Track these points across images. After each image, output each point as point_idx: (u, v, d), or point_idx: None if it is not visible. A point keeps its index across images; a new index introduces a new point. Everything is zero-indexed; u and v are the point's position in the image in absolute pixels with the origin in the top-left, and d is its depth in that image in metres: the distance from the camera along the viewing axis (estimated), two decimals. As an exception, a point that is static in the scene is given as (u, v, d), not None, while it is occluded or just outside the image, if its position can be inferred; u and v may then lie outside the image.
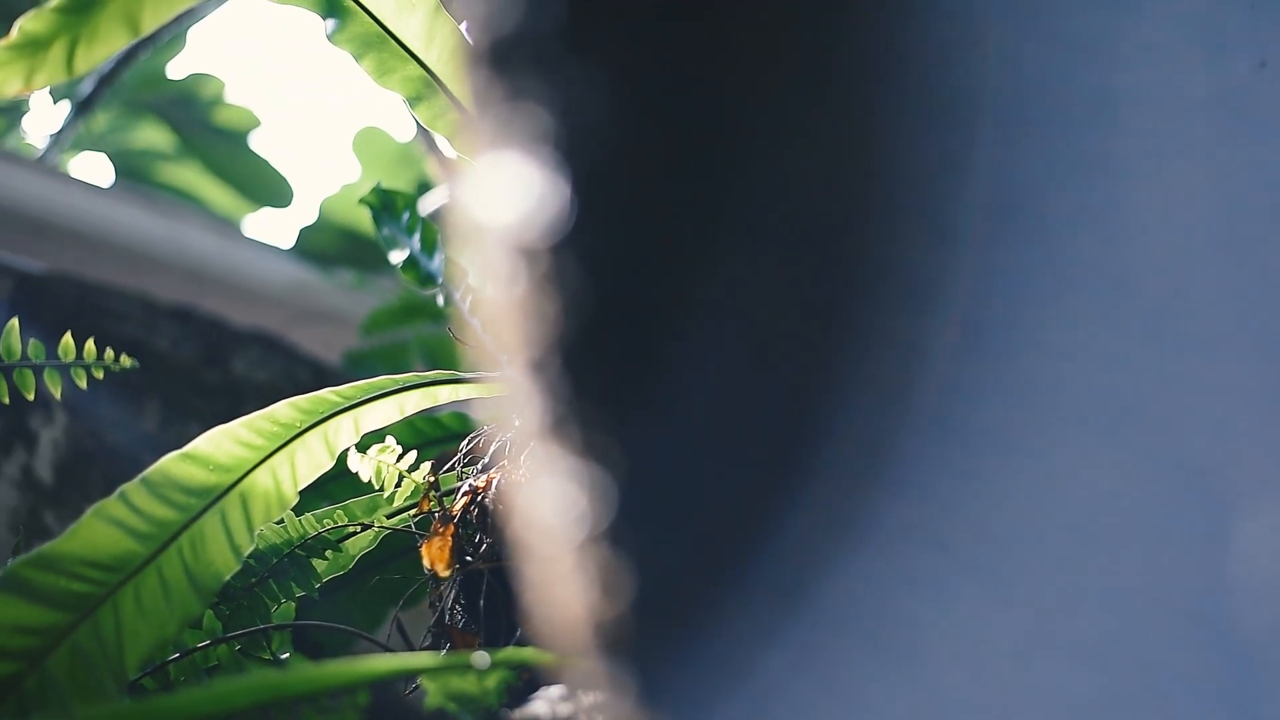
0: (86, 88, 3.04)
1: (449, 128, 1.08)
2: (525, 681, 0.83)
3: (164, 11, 1.14)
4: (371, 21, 1.10)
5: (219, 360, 2.16)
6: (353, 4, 1.09)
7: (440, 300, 1.23)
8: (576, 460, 0.46)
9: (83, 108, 3.08)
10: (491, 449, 1.05)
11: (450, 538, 1.00)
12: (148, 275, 2.39)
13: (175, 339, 2.16)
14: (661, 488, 0.45)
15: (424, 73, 1.10)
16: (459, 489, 1.03)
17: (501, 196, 0.47)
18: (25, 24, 1.15)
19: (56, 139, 3.14)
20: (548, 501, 0.48)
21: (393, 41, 1.10)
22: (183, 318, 2.19)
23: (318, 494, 1.13)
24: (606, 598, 0.46)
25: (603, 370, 0.45)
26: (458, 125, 1.07)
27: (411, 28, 1.09)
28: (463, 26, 1.03)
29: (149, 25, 1.14)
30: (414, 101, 1.11)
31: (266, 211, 3.15)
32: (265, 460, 1.04)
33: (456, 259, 1.20)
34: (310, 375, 1.11)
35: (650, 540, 0.46)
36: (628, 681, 0.47)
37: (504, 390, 0.49)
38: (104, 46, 1.15)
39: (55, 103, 3.13)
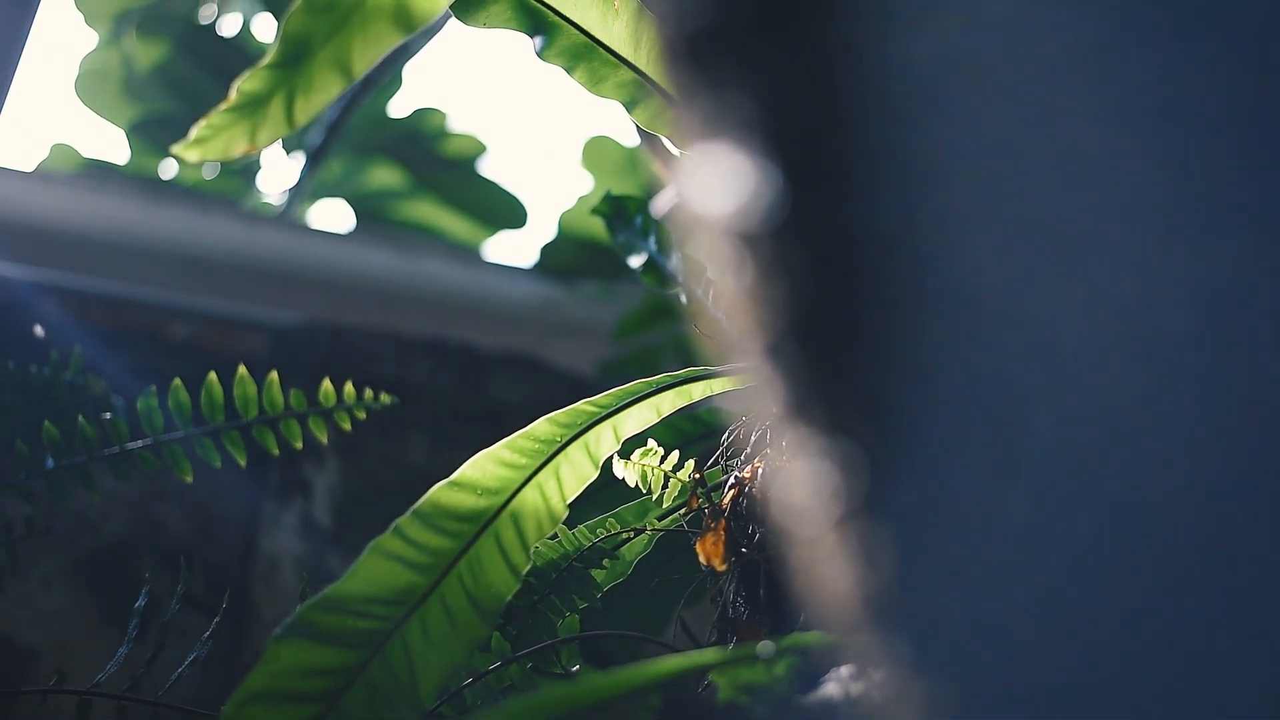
0: (316, 138, 3.13)
1: (668, 127, 1.09)
2: (815, 665, 0.83)
3: (372, 53, 1.17)
4: (578, 33, 1.11)
5: (475, 386, 2.21)
6: (557, 18, 1.11)
7: (683, 298, 1.24)
8: (824, 439, 0.47)
9: (315, 158, 3.18)
10: (752, 438, 1.06)
11: (723, 531, 1.01)
12: (397, 312, 2.45)
13: (431, 371, 2.22)
14: (908, 454, 0.46)
15: (635, 76, 1.11)
16: (725, 482, 1.04)
17: (719, 187, 0.48)
18: (242, 84, 1.20)
19: (294, 192, 3.24)
20: (804, 484, 0.48)
21: (601, 49, 1.11)
22: (435, 349, 2.25)
23: (588, 504, 1.15)
24: (872, 572, 0.47)
25: (836, 348, 0.46)
26: (673, 123, 1.08)
27: (617, 33, 1.11)
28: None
29: (360, 68, 1.18)
30: (630, 106, 1.12)
31: (505, 234, 3.20)
32: (531, 478, 1.06)
33: (692, 256, 1.21)
34: (566, 389, 1.13)
35: (906, 504, 0.46)
36: (906, 652, 0.48)
37: (752, 379, 0.50)
38: (320, 95, 1.19)
39: (288, 155, 3.23)
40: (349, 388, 1.42)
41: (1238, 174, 0.43)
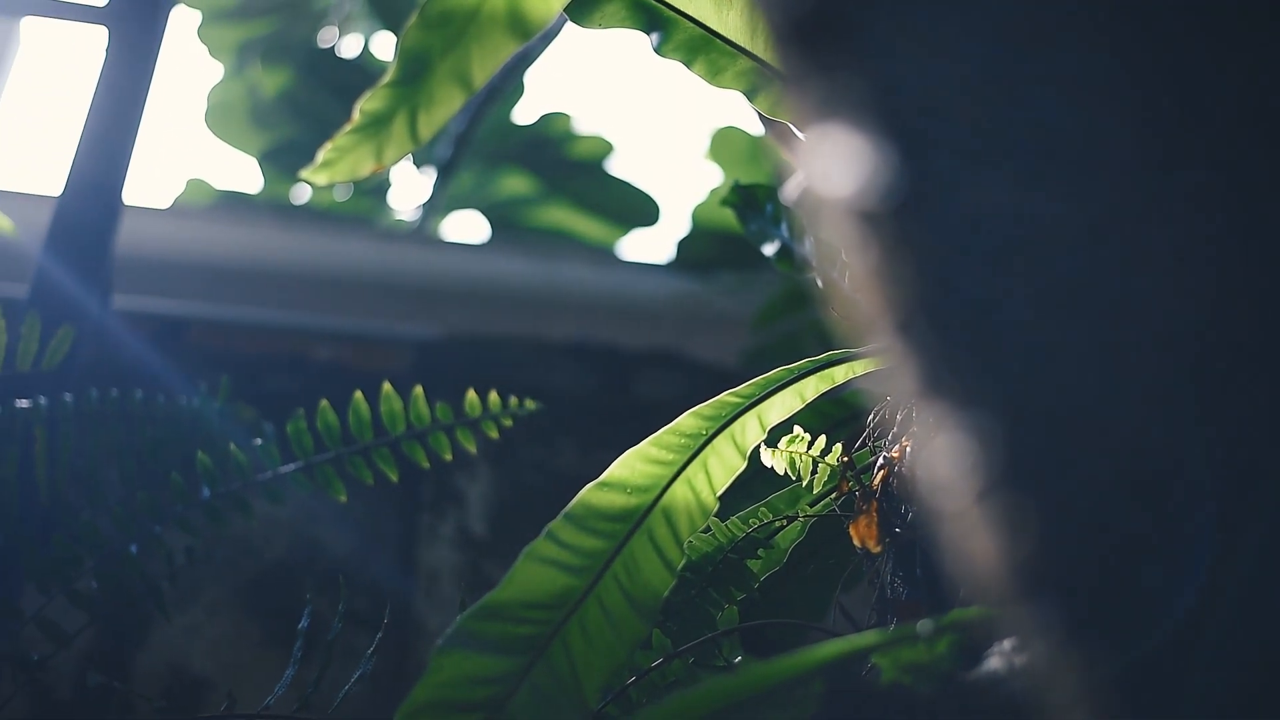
0: (445, 152, 3.16)
1: (787, 112, 1.09)
2: (977, 640, 0.83)
3: (490, 63, 1.19)
4: (693, 26, 1.11)
5: (619, 386, 2.23)
6: (672, 13, 1.11)
7: (819, 282, 1.24)
8: (959, 413, 0.47)
9: (446, 171, 3.21)
10: (898, 417, 1.06)
11: (875, 513, 1.01)
12: (536, 318, 2.47)
13: (574, 374, 2.24)
14: (1047, 423, 0.46)
15: (754, 64, 1.11)
16: (874, 463, 1.04)
17: (839, 169, 0.48)
18: (364, 105, 1.22)
19: (427, 207, 3.28)
20: (945, 460, 0.49)
21: (718, 40, 1.11)
22: (577, 352, 2.27)
23: (739, 495, 1.15)
24: (1020, 543, 0.47)
25: (963, 322, 0.46)
26: (790, 107, 1.09)
27: (732, 22, 1.11)
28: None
29: (480, 79, 1.19)
30: (751, 94, 1.12)
31: (639, 233, 3.21)
32: (679, 473, 1.06)
33: (824, 239, 1.21)
34: (710, 382, 1.14)
35: (1050, 478, 0.47)
36: (1062, 623, 0.48)
37: (889, 359, 0.50)
38: (443, 109, 1.21)
39: (419, 171, 3.27)
40: (494, 397, 1.44)
41: None
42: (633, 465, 1.06)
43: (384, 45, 3.39)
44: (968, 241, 0.45)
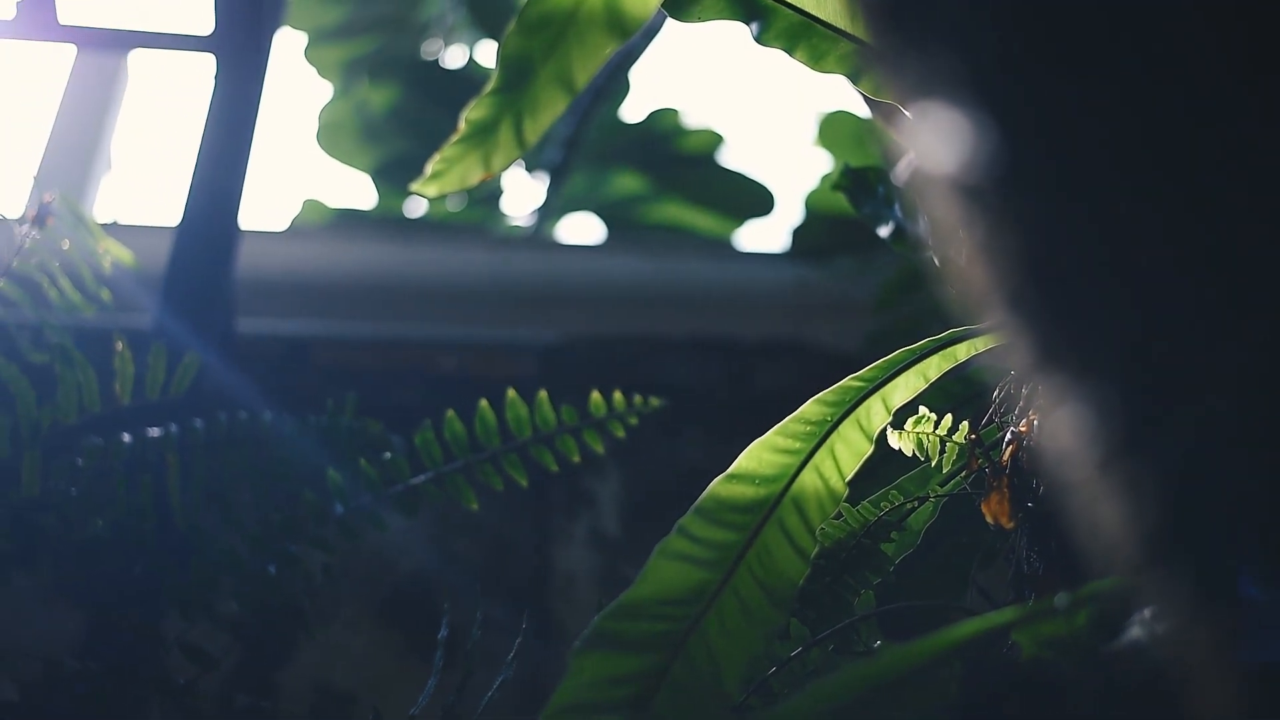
0: (555, 155, 3.18)
1: (889, 92, 1.09)
2: (1116, 611, 0.83)
3: (592, 63, 1.19)
4: (792, 13, 1.11)
5: (742, 378, 2.23)
6: (770, 1, 1.11)
7: (936, 260, 1.24)
8: (1075, 383, 0.47)
9: (557, 175, 3.23)
10: (1024, 391, 1.06)
11: (1006, 489, 1.01)
12: (656, 315, 2.48)
13: (697, 369, 2.24)
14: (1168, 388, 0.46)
15: (855, 46, 1.11)
16: (1002, 439, 1.04)
17: (940, 146, 0.49)
18: (469, 114, 1.23)
19: (541, 211, 3.30)
20: (1066, 431, 0.49)
21: (818, 25, 1.11)
22: (698, 346, 2.27)
23: (868, 479, 1.15)
24: (1144, 511, 0.47)
25: (1072, 292, 0.46)
26: (888, 87, 1.08)
27: (832, 6, 1.10)
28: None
29: (582, 80, 1.20)
30: (855, 77, 1.12)
31: (753, 223, 3.21)
32: (807, 461, 1.07)
33: (936, 217, 1.20)
34: (833, 368, 1.14)
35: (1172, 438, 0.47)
36: (1199, 590, 0.48)
37: (1004, 333, 0.50)
38: (547, 113, 1.22)
39: (531, 176, 3.29)
40: (618, 396, 1.45)
41: None
42: (760, 456, 1.06)
43: (488, 54, 3.42)
44: (1070, 212, 0.46)
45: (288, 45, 3.51)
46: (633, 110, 3.28)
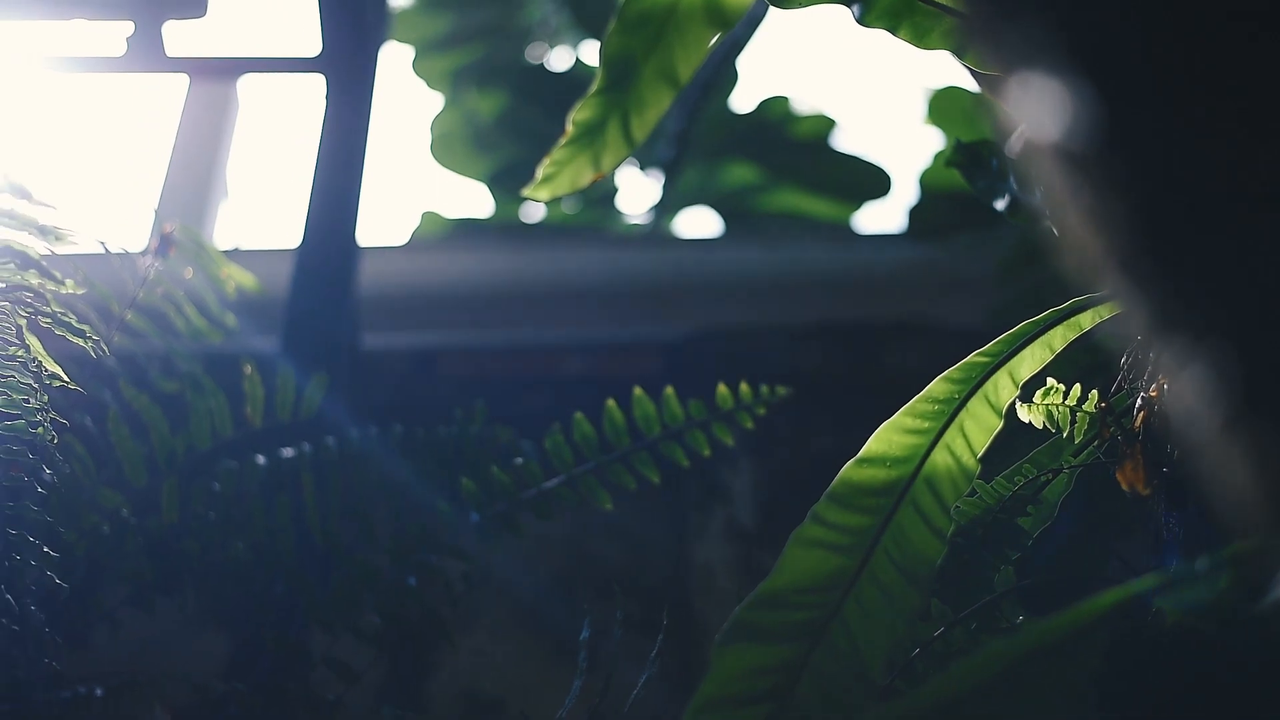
0: (668, 151, 3.19)
1: (991, 63, 1.08)
2: (1260, 571, 0.82)
3: (694, 57, 1.20)
4: (894, -9, 1.11)
5: (869, 361, 2.23)
6: (871, -21, 1.11)
7: (1054, 231, 1.23)
8: (1193, 345, 0.47)
9: (671, 170, 3.24)
10: (1151, 356, 1.05)
11: (1140, 456, 1.00)
12: (778, 303, 2.48)
13: (822, 354, 2.24)
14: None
15: (958, 20, 1.10)
16: (1133, 405, 1.04)
17: (1043, 115, 0.49)
18: (576, 116, 1.24)
19: (657, 208, 3.31)
20: (1189, 393, 0.49)
21: (919, 3, 1.11)
22: (822, 332, 2.27)
23: (1001, 454, 1.14)
24: (1270, 471, 0.48)
25: (1180, 256, 0.46)
26: (989, 57, 1.08)
27: (932, -20, 1.11)
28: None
29: (686, 74, 1.21)
30: (960, 52, 1.12)
31: (871, 206, 3.20)
32: (937, 440, 1.07)
33: (1049, 186, 1.20)
34: (958, 345, 1.14)
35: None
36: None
37: (1122, 299, 0.51)
38: (654, 109, 1.23)
39: (645, 173, 3.30)
40: (744, 388, 1.46)
41: None
42: (889, 438, 1.07)
43: (593, 54, 3.43)
44: (1175, 176, 0.46)
45: (395, 60, 3.54)
46: (742, 100, 3.28)
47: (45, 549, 1.16)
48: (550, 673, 1.89)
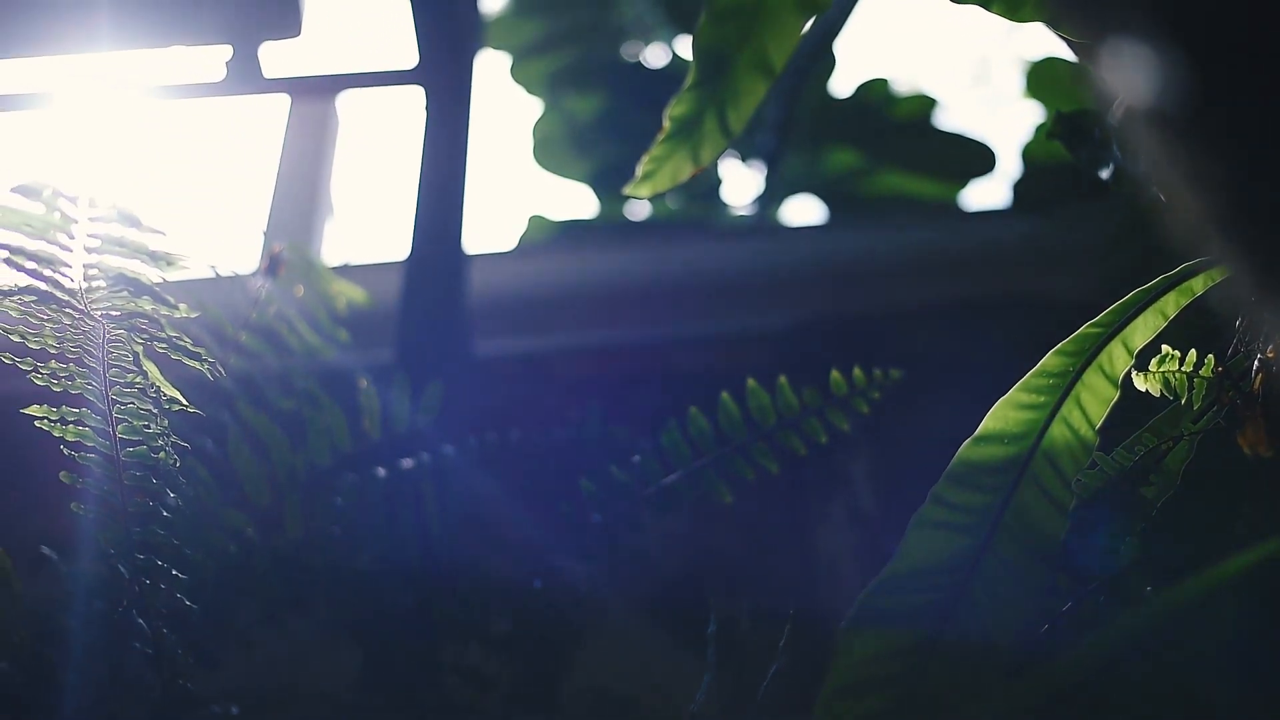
0: (769, 141, 3.19)
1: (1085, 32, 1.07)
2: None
3: (787, 44, 1.20)
4: (983, -36, 1.11)
5: (980, 337, 2.22)
6: (959, -44, 1.11)
7: (1161, 197, 1.22)
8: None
9: (773, 160, 3.24)
10: (1266, 318, 1.04)
11: (1260, 418, 0.99)
12: (887, 286, 2.47)
13: (935, 335, 2.23)
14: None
15: (1050, -11, 1.10)
16: (1250, 367, 1.03)
17: (1137, 81, 0.49)
18: (671, 111, 1.25)
19: (762, 199, 3.31)
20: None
21: (1010, -26, 1.11)
22: (935, 312, 2.26)
23: (1119, 425, 1.14)
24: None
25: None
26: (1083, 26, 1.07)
27: (1021, -48, 1.10)
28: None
29: (779, 62, 1.21)
30: (1054, 22, 1.12)
31: (977, 183, 3.18)
32: (1054, 414, 1.06)
33: (1150, 153, 1.19)
34: (1069, 318, 1.14)
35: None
36: None
37: (1227, 262, 0.51)
38: (749, 99, 1.23)
39: (746, 165, 3.30)
40: (858, 373, 1.46)
41: None
42: (1005, 415, 1.06)
43: (688, 48, 3.44)
44: (1271, 135, 0.46)
45: (492, 67, 3.56)
46: (842, 85, 3.27)
47: (174, 571, 1.18)
48: (680, 668, 1.90)
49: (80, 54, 2.07)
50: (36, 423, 1.08)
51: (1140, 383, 1.07)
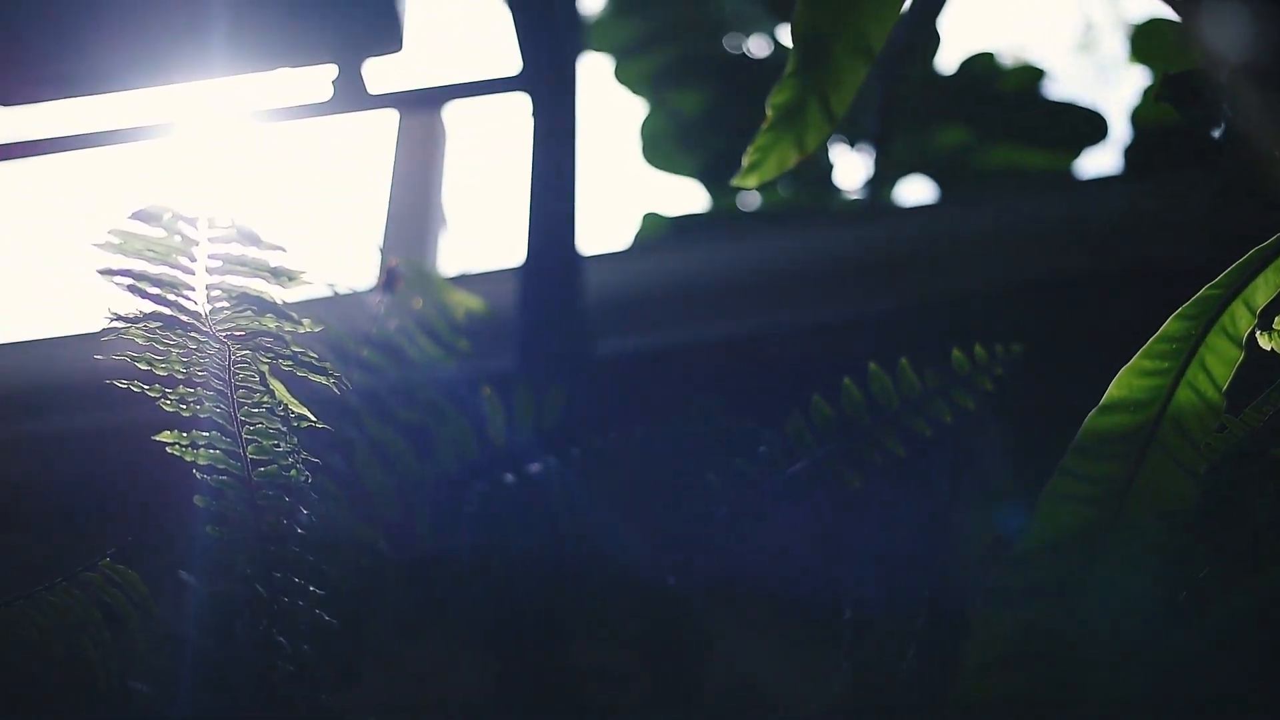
0: (876, 123, 3.18)
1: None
2: None
3: (885, 24, 1.20)
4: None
5: (1099, 307, 2.19)
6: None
7: (1277, 154, 1.20)
8: None
9: (880, 142, 3.23)
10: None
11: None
12: (1003, 261, 2.45)
13: (1053, 306, 2.21)
14: None
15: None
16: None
17: (1246, 38, 0.49)
18: (774, 100, 1.25)
19: (872, 182, 3.30)
20: None
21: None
22: (1050, 285, 2.24)
23: (1246, 386, 1.13)
24: None
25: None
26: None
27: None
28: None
29: (878, 43, 1.21)
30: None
31: (1090, 152, 3.14)
32: (1179, 379, 1.06)
33: (1259, 110, 1.17)
34: (1189, 281, 1.12)
35: None
36: None
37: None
38: (850, 83, 1.23)
39: (854, 149, 3.29)
40: (979, 350, 1.45)
41: None
42: (1129, 383, 1.06)
43: (789, 36, 3.43)
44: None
45: (595, 70, 3.57)
46: (948, 62, 3.24)
47: (311, 588, 1.20)
48: (817, 655, 1.90)
49: (189, 83, 2.11)
50: (168, 449, 1.10)
51: (1265, 342, 1.06)
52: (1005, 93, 3.13)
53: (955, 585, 1.85)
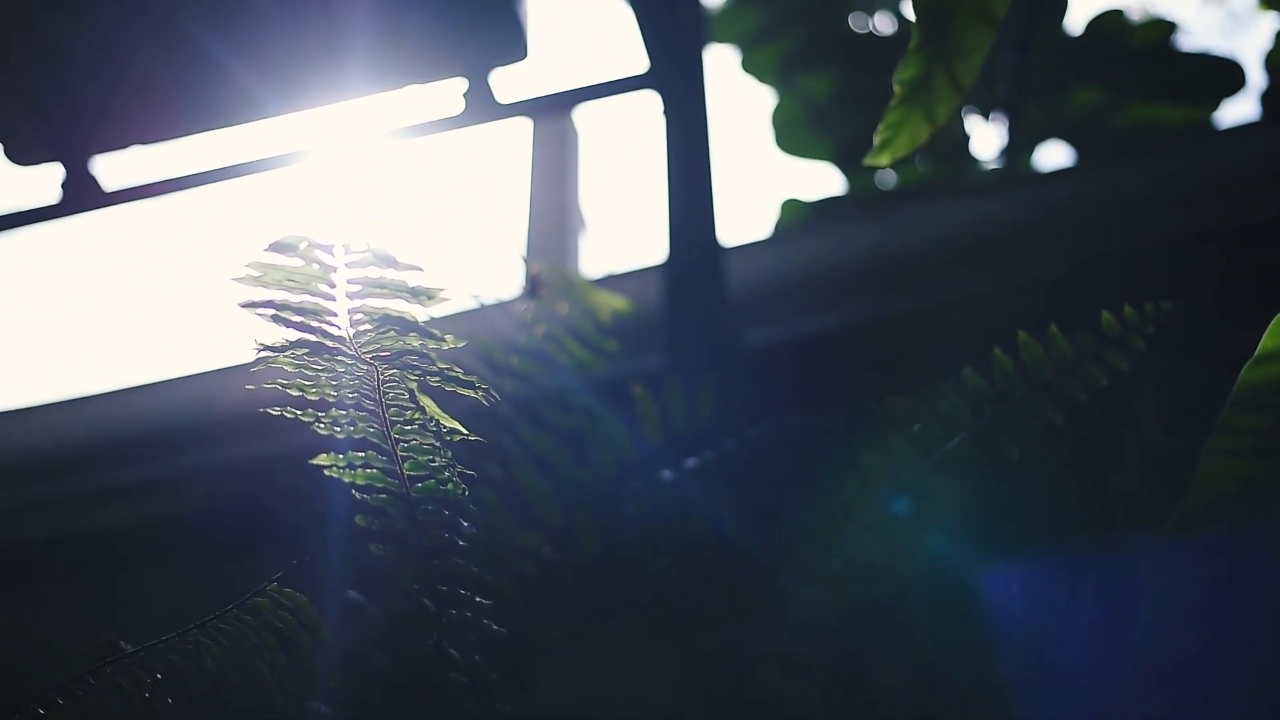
0: (1007, 91, 3.14)
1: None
2: None
3: (1006, -8, 1.19)
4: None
5: (1249, 258, 2.15)
6: None
7: None
8: None
9: (1013, 110, 3.19)
10: None
11: None
12: (1148, 218, 2.41)
13: (1201, 261, 2.17)
14: None
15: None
16: None
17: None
18: (900, 75, 1.24)
19: (1008, 150, 3.26)
20: None
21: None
22: (1196, 239, 2.20)
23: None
24: None
25: None
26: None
27: None
28: None
29: (1001, 9, 1.20)
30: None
31: (1229, 103, 3.07)
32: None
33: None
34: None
35: None
36: None
37: None
38: (976, 52, 1.21)
39: (988, 120, 3.26)
40: (1128, 310, 1.42)
41: None
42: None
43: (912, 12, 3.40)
44: None
45: (722, 61, 3.57)
46: (1074, 23, 3.19)
47: (478, 599, 1.21)
48: (983, 632, 1.88)
49: (322, 107, 2.13)
50: (325, 471, 1.12)
51: None
52: (1136, 49, 3.08)
53: (1126, 547, 1.82)
